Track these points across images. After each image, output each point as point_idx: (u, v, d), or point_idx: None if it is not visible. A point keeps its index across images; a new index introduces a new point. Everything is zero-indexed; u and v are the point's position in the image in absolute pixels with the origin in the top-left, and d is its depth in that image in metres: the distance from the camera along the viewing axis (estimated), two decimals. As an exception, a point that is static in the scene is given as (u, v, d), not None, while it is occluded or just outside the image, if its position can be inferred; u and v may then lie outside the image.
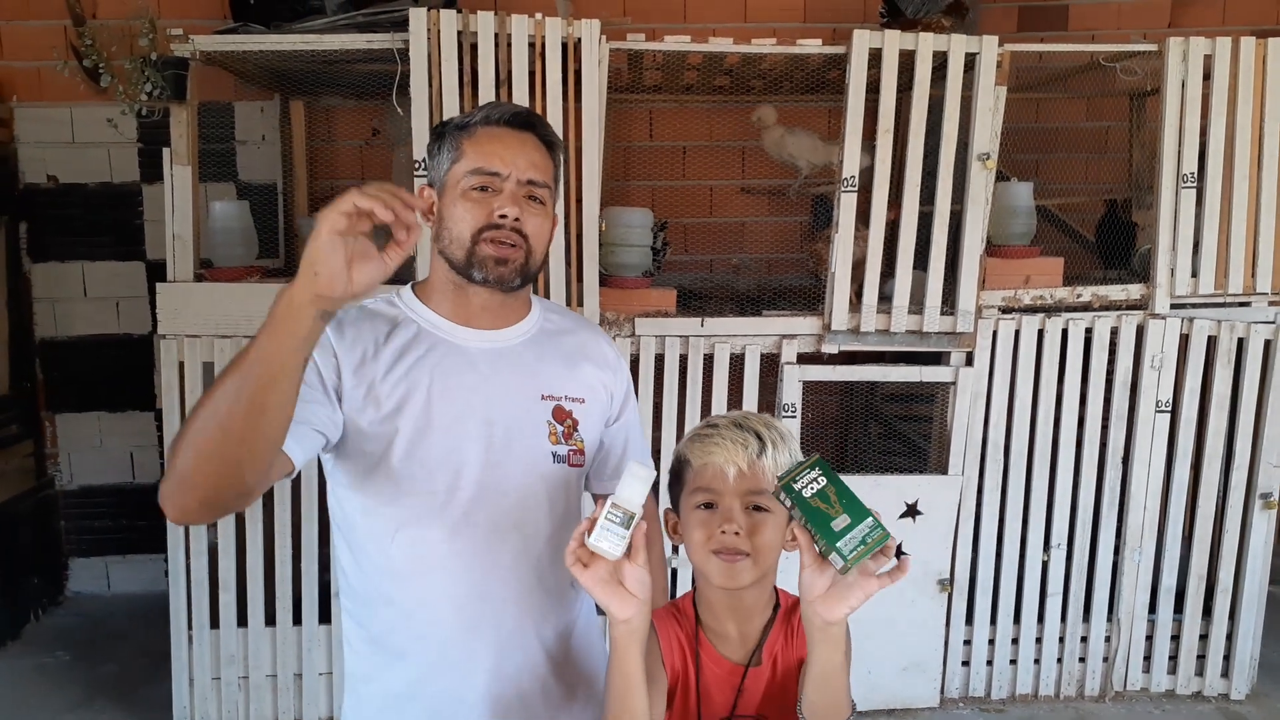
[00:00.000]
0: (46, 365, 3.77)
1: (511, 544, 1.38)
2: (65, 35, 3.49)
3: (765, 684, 1.25)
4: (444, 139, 1.40)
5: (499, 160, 1.35)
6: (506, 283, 1.36)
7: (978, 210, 2.83)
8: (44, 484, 3.78)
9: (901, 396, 3.48)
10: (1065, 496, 3.04)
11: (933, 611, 3.02)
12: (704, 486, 1.23)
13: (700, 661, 1.26)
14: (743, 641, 1.27)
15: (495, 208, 1.34)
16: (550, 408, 1.41)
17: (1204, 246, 2.92)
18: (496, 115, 1.38)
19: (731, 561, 1.21)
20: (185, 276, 2.76)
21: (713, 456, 1.23)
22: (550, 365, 1.43)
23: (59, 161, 3.66)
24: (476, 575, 1.36)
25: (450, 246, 1.36)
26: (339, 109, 3.58)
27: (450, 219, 1.36)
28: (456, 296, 1.40)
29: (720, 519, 1.21)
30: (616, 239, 2.86)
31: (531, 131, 1.39)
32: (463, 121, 1.39)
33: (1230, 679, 3.16)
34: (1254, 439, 3.04)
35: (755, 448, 1.22)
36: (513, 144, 1.36)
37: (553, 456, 1.40)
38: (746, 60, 2.90)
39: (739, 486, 1.21)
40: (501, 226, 1.34)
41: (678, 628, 1.29)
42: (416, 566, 1.36)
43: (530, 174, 1.36)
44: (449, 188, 1.37)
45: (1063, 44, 3.01)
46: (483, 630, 1.37)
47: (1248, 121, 2.87)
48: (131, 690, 3.15)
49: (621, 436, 1.55)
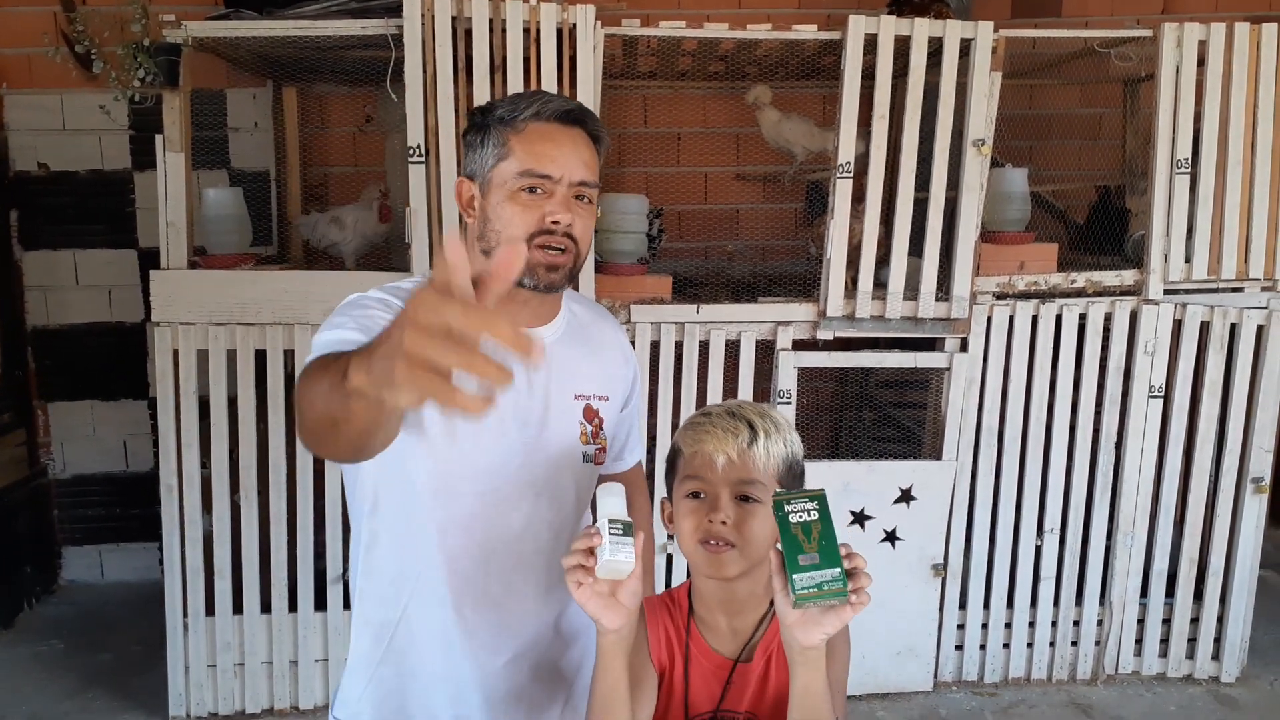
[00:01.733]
0: (39, 354, 3.76)
1: (543, 541, 1.38)
2: (56, 21, 3.46)
3: (756, 681, 1.23)
4: (488, 131, 1.33)
5: (551, 163, 1.29)
6: (555, 287, 1.34)
7: (972, 196, 2.84)
8: (37, 473, 3.77)
9: (896, 383, 3.49)
10: (1058, 481, 3.06)
11: (926, 596, 3.03)
12: (693, 474, 1.22)
13: (690, 653, 1.25)
14: (734, 635, 1.25)
15: (548, 212, 1.29)
16: (582, 407, 1.41)
17: (1197, 232, 2.93)
18: (547, 111, 1.31)
19: (717, 552, 1.19)
20: (179, 264, 2.75)
21: (703, 444, 1.21)
22: (582, 364, 1.42)
23: (50, 149, 3.63)
24: (505, 573, 1.37)
25: (497, 249, 1.31)
26: (332, 95, 3.57)
27: (498, 220, 1.31)
28: None
29: (708, 508, 1.20)
30: (612, 226, 2.86)
31: (581, 128, 1.34)
32: (509, 115, 1.32)
33: (1221, 662, 3.18)
34: (1246, 424, 3.06)
35: (746, 436, 1.21)
36: (565, 143, 1.31)
37: (583, 456, 1.40)
38: (741, 46, 2.90)
39: (728, 475, 1.20)
40: (554, 232, 1.30)
41: (669, 618, 1.28)
42: (451, 562, 1.35)
43: (582, 175, 1.31)
44: (495, 186, 1.31)
45: (1058, 29, 3.01)
46: (507, 625, 1.38)
47: (1241, 107, 2.88)
48: (127, 678, 3.15)
49: (628, 423, 1.55)
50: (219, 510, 2.84)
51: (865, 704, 3.04)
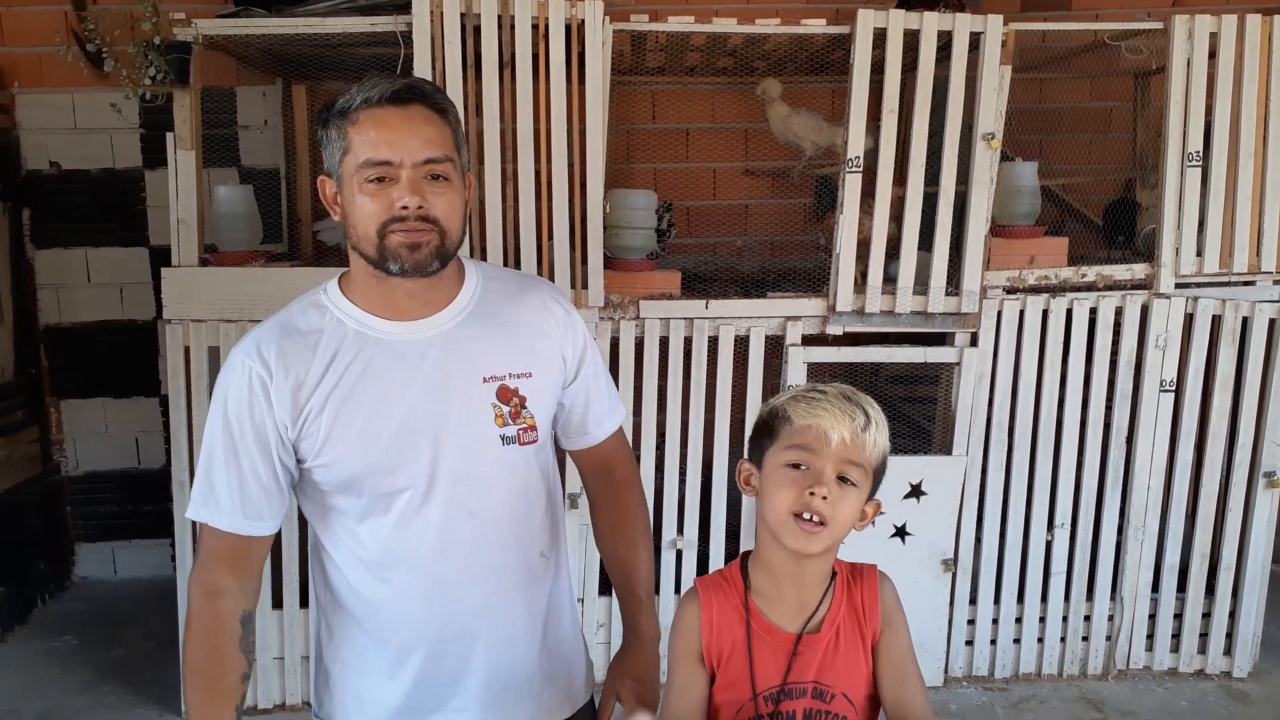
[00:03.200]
0: (51, 351, 3.78)
1: (467, 532, 1.37)
2: (66, 20, 3.48)
3: (823, 651, 1.24)
4: (329, 127, 1.32)
5: (388, 147, 1.26)
6: (424, 268, 1.30)
7: (982, 190, 2.83)
8: (50, 470, 3.80)
9: (905, 378, 3.48)
10: (1069, 476, 3.05)
11: (937, 591, 3.03)
12: (802, 445, 1.20)
13: (751, 630, 1.24)
14: (799, 609, 1.25)
15: (395, 199, 1.27)
16: (494, 389, 1.37)
17: (1209, 226, 2.92)
18: (376, 95, 1.28)
19: (812, 530, 1.19)
20: (190, 261, 2.76)
21: (819, 419, 1.19)
22: (491, 343, 1.38)
23: (61, 148, 3.65)
24: (435, 566, 1.37)
25: (360, 243, 1.31)
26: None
27: (353, 215, 1.31)
28: (380, 289, 1.35)
29: (811, 479, 1.18)
30: (621, 221, 2.86)
31: (418, 103, 1.30)
32: (343, 106, 1.30)
33: (1233, 657, 3.17)
34: (1258, 418, 3.05)
35: (862, 420, 1.21)
36: (399, 126, 1.27)
37: (501, 440, 1.37)
38: (750, 41, 2.89)
39: (839, 454, 1.19)
40: (405, 218, 1.27)
41: (725, 599, 1.27)
42: (378, 559, 1.37)
43: (425, 153, 1.28)
44: (345, 181, 1.30)
45: (1068, 23, 3.00)
46: (445, 616, 1.39)
47: (1253, 100, 2.86)
48: (139, 673, 3.17)
49: (582, 396, 1.50)
50: (231, 506, 2.84)
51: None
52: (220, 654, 1.33)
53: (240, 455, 1.33)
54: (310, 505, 1.42)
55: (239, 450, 1.33)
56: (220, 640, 1.33)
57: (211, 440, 1.35)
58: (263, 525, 1.36)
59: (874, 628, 1.26)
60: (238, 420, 1.33)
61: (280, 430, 1.32)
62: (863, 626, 1.25)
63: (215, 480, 1.34)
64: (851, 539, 1.26)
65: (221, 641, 1.33)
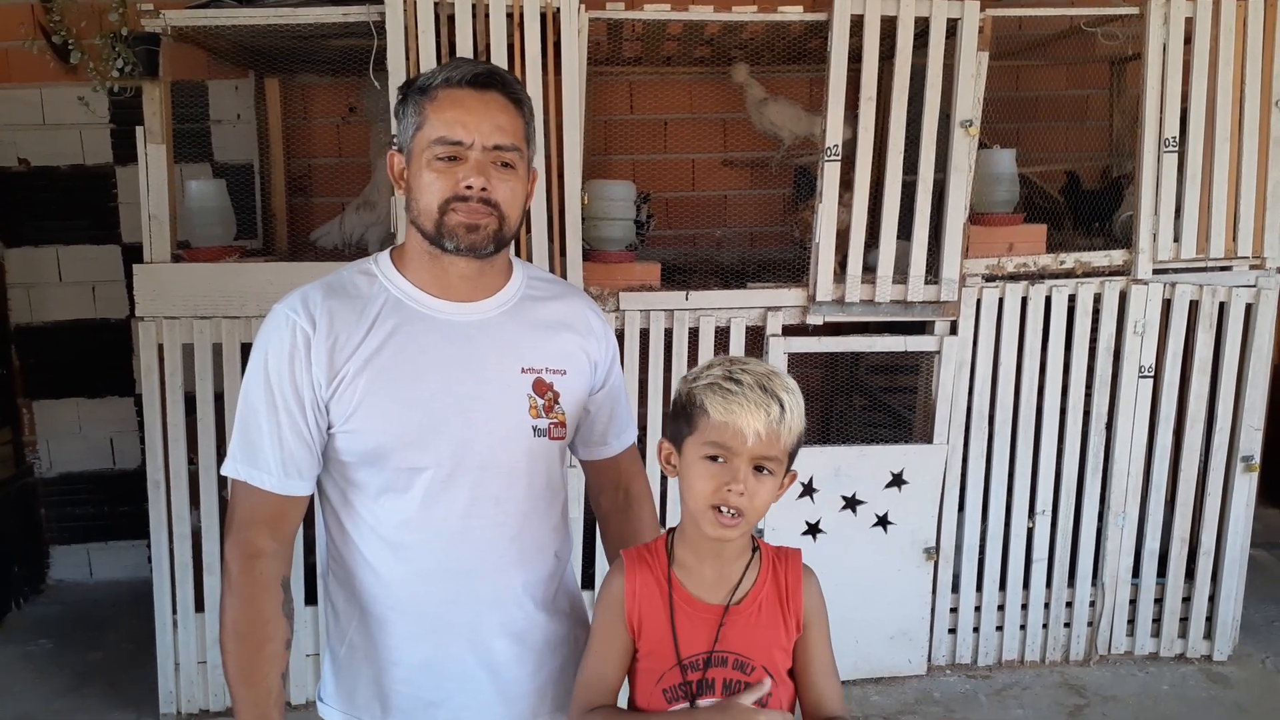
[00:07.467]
0: (23, 352, 3.72)
1: (489, 517, 1.37)
2: (33, 13, 3.42)
3: (745, 624, 1.28)
4: (407, 102, 1.34)
5: (462, 128, 1.29)
6: (479, 250, 1.33)
7: (960, 178, 2.83)
8: (23, 472, 3.74)
9: (886, 368, 3.48)
10: (1049, 463, 3.06)
11: (919, 580, 3.03)
12: (719, 442, 1.23)
13: (673, 602, 1.28)
14: (720, 581, 1.30)
15: (460, 178, 1.29)
16: (530, 380, 1.39)
17: (1186, 211, 2.93)
18: (457, 76, 1.31)
19: (730, 523, 1.23)
20: (162, 257, 2.72)
21: (734, 417, 1.21)
22: (531, 336, 1.40)
23: (30, 144, 3.59)
24: (452, 549, 1.36)
25: (420, 218, 1.33)
26: (315, 86, 3.53)
27: (417, 189, 1.33)
28: (433, 266, 1.36)
29: (728, 475, 1.22)
30: (599, 213, 2.84)
31: (496, 90, 1.33)
32: (424, 83, 1.33)
33: (1213, 640, 3.19)
34: (1235, 402, 3.07)
35: (776, 414, 1.22)
36: (476, 108, 1.30)
37: (533, 430, 1.38)
38: (727, 29, 2.88)
39: (754, 450, 1.22)
40: (468, 198, 1.30)
41: (649, 571, 1.30)
42: (396, 538, 1.36)
43: (496, 139, 1.31)
44: (415, 155, 1.33)
45: (1044, 9, 3.00)
46: (459, 602, 1.38)
47: (1229, 85, 2.88)
48: (118, 676, 3.13)
49: (608, 405, 1.53)
50: (207, 505, 2.81)
51: (859, 688, 3.03)
52: (264, 617, 1.33)
53: (280, 412, 1.32)
54: (329, 479, 1.40)
55: (278, 406, 1.32)
56: (264, 602, 1.33)
57: (252, 397, 1.33)
58: (302, 484, 1.35)
59: (796, 608, 1.30)
60: (277, 374, 1.32)
61: (315, 389, 1.32)
62: (784, 605, 1.30)
63: (255, 437, 1.33)
64: (834, 529, 1.27)
65: (265, 603, 1.33)
